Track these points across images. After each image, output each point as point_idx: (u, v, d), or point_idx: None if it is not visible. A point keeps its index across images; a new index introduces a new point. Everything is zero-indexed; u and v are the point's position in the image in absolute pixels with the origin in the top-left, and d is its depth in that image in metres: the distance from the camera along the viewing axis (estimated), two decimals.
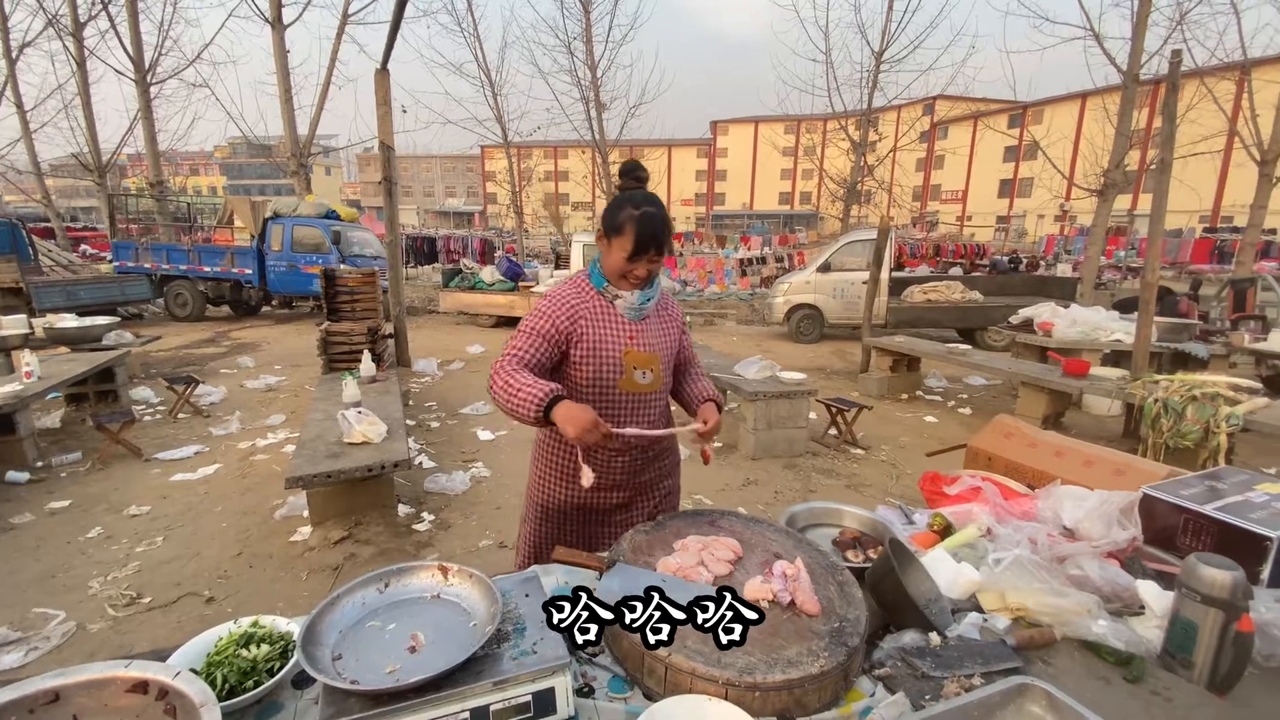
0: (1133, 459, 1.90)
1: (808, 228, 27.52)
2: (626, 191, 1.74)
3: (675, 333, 1.92)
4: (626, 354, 1.74)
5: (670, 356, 1.88)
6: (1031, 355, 7.03)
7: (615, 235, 1.67)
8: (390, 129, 6.97)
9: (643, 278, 1.72)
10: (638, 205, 1.66)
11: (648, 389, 1.79)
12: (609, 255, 1.71)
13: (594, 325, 1.73)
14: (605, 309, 1.76)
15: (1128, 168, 10.07)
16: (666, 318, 1.90)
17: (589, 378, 1.74)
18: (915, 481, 4.72)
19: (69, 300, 10.07)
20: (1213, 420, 4.12)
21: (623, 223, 1.65)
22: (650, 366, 1.78)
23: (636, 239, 1.64)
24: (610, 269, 1.72)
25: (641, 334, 1.78)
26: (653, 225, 1.65)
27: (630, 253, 1.65)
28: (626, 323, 1.77)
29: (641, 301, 1.76)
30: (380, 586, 1.24)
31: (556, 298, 1.74)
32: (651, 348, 1.79)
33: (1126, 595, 1.44)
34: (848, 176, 16.97)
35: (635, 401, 1.78)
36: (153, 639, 2.73)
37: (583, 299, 1.75)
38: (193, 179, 60.02)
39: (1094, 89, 13.06)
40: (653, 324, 1.83)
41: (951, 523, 1.78)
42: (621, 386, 1.75)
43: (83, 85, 14.31)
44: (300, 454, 3.48)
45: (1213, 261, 19.78)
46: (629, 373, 1.74)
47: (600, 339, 1.72)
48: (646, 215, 1.64)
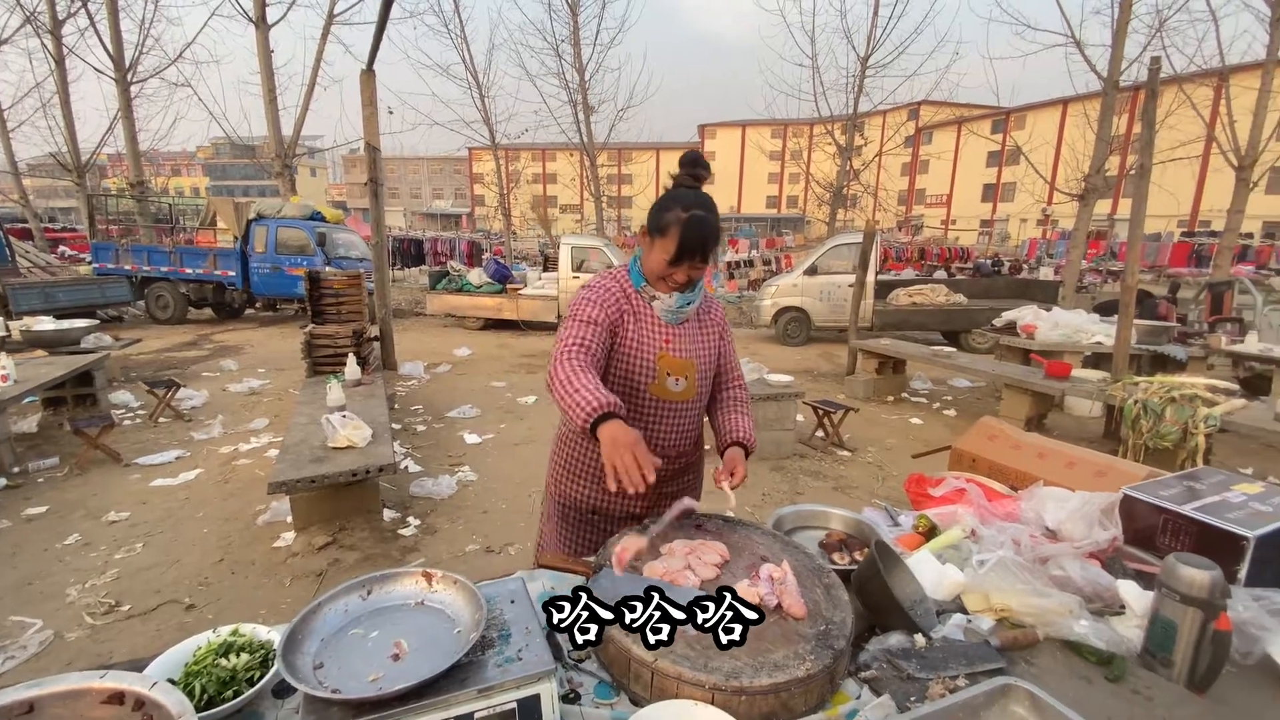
0: (1114, 460, 1.93)
1: (795, 231, 27.71)
2: (678, 189, 1.62)
3: (715, 340, 1.81)
4: (661, 358, 1.67)
5: (709, 366, 1.79)
6: (1015, 357, 7.12)
7: (659, 235, 1.58)
8: (376, 130, 6.93)
9: (682, 283, 1.63)
10: (687, 206, 1.55)
11: (680, 397, 1.71)
12: (650, 255, 1.62)
13: (632, 324, 1.67)
14: (643, 308, 1.69)
15: (1108, 173, 10.24)
16: (708, 324, 1.81)
17: (619, 377, 1.68)
18: (901, 483, 4.76)
19: (47, 302, 9.90)
20: (1191, 421, 4.19)
21: (668, 224, 1.55)
22: (685, 374, 1.70)
23: (681, 243, 1.55)
24: (650, 269, 1.64)
25: (678, 338, 1.71)
26: (700, 230, 1.54)
27: (672, 256, 1.56)
28: (663, 325, 1.69)
29: (680, 305, 1.67)
30: (363, 593, 1.22)
31: (602, 288, 1.67)
32: (687, 354, 1.71)
33: (1107, 595, 1.46)
34: (834, 181, 17.10)
35: (665, 409, 1.71)
36: (131, 648, 2.68)
37: (625, 294, 1.69)
38: (175, 180, 59.23)
39: (1075, 95, 13.29)
40: (691, 329, 1.75)
41: (936, 524, 1.80)
42: (653, 391, 1.68)
43: (61, 84, 14.08)
44: (284, 458, 3.43)
45: (1190, 265, 20.13)
46: (661, 378, 1.67)
47: (637, 338, 1.66)
48: (695, 220, 1.54)
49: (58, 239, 22.63)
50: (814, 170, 19.85)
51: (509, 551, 3.55)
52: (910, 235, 31.61)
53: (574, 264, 11.64)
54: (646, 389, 1.68)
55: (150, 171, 29.73)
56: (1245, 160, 11.15)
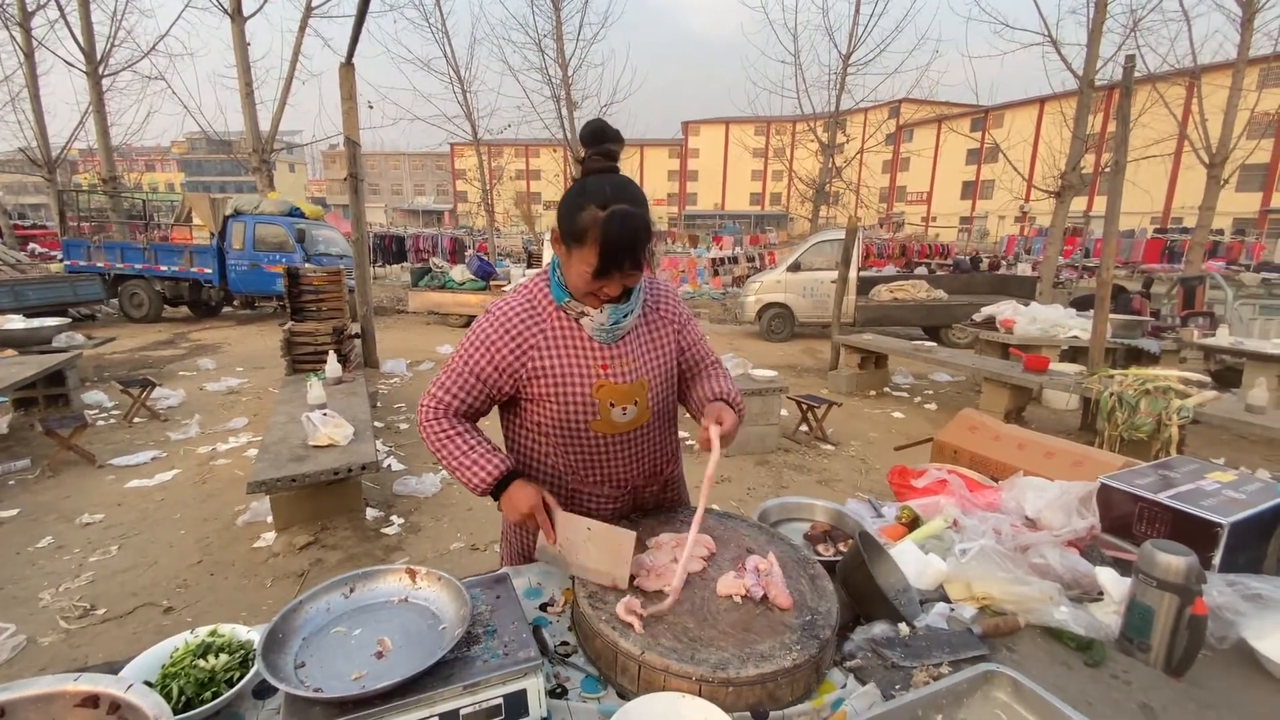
0: (1090, 450, 1.96)
1: (778, 228, 27.81)
2: (590, 177, 1.29)
3: (670, 343, 1.50)
4: (599, 388, 1.37)
5: (665, 378, 1.49)
6: (994, 351, 7.22)
7: (574, 244, 1.25)
8: (356, 124, 6.83)
9: (614, 295, 1.32)
10: (604, 202, 1.22)
11: (629, 426, 1.44)
12: (569, 267, 1.30)
13: (553, 354, 1.36)
14: (567, 329, 1.37)
15: (1083, 170, 10.41)
16: (656, 324, 1.48)
17: (550, 422, 1.41)
18: (884, 475, 4.81)
19: (16, 301, 9.65)
20: (1165, 413, 4.28)
21: (583, 228, 1.23)
22: (633, 399, 1.41)
23: (603, 252, 1.22)
24: (573, 284, 1.31)
25: (619, 359, 1.39)
26: (625, 231, 1.22)
27: (595, 269, 1.24)
28: (597, 347, 1.38)
29: (615, 321, 1.35)
30: (346, 591, 1.21)
31: (500, 320, 1.36)
32: (633, 375, 1.40)
33: (1086, 582, 1.48)
34: (816, 177, 17.20)
35: (615, 443, 1.45)
36: (108, 651, 2.63)
37: (536, 320, 1.37)
38: (149, 175, 58.00)
39: (1052, 94, 13.49)
40: (637, 341, 1.43)
41: (919, 515, 1.81)
42: (596, 429, 1.41)
43: (30, 77, 13.72)
44: (263, 458, 3.38)
45: (1163, 261, 20.54)
46: (604, 412, 1.39)
47: (564, 371, 1.36)
48: (616, 218, 1.21)
49: (28, 236, 22.05)
50: (797, 167, 19.97)
51: (494, 549, 3.53)
52: (891, 232, 31.91)
53: None
54: (588, 427, 1.41)
55: (124, 167, 29.12)
56: (1216, 158, 11.40)
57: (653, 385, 1.45)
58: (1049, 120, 21.19)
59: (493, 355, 1.35)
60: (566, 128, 17.53)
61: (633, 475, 1.54)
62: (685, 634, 1.15)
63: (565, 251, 1.30)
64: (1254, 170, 29.47)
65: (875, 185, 47.71)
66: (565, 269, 1.33)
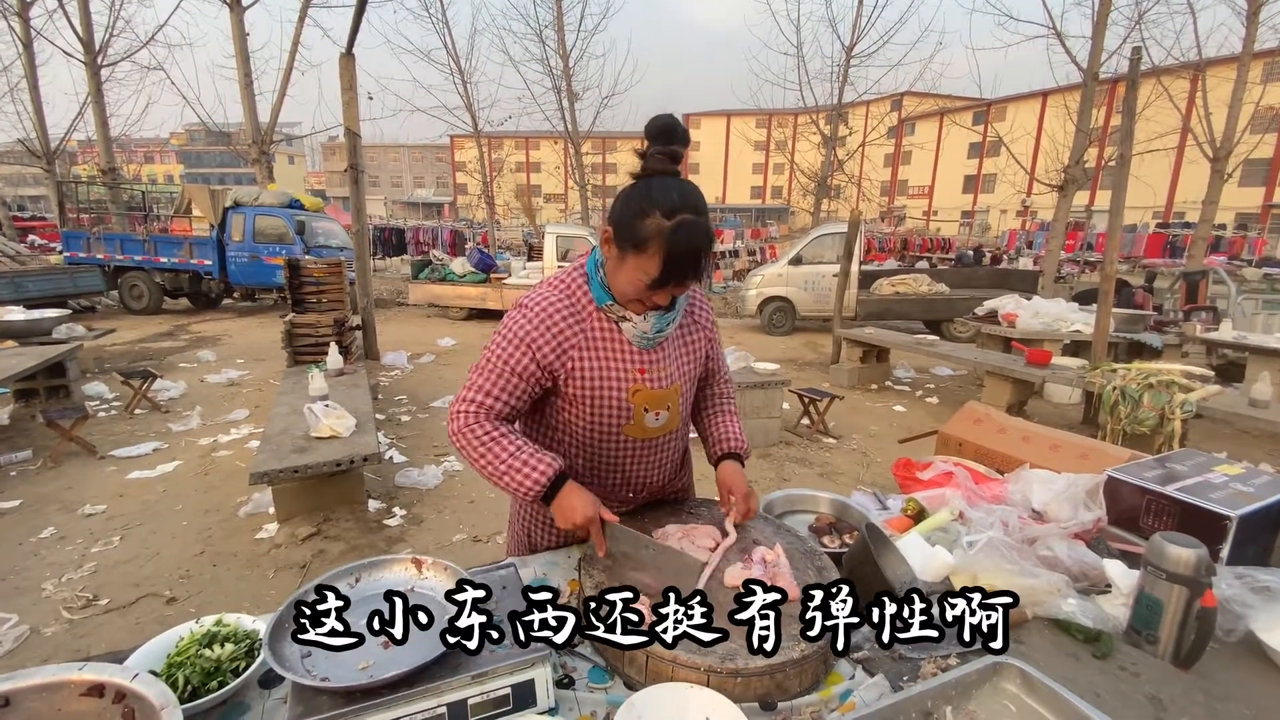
0: (1096, 443, 1.95)
1: (779, 221, 27.77)
2: (654, 179, 1.20)
3: (701, 351, 1.48)
4: (635, 393, 1.33)
5: (694, 382, 1.49)
6: (996, 346, 7.21)
7: (633, 251, 1.19)
8: (356, 115, 6.80)
9: (663, 304, 1.28)
10: (671, 210, 1.15)
11: (660, 431, 1.42)
12: (620, 272, 1.24)
13: (592, 356, 1.31)
14: (606, 332, 1.32)
15: (1086, 164, 10.37)
16: (691, 330, 1.46)
17: (582, 425, 1.37)
18: (886, 469, 4.82)
19: (16, 293, 9.61)
20: (1167, 407, 4.27)
21: (646, 236, 1.16)
22: (666, 405, 1.38)
23: (666, 263, 1.16)
24: (620, 289, 1.26)
25: (656, 365, 1.36)
26: (692, 242, 1.16)
27: (655, 279, 1.19)
28: (635, 351, 1.34)
29: (658, 329, 1.32)
30: (351, 580, 1.20)
31: (539, 317, 1.28)
32: (668, 381, 1.37)
33: (1094, 574, 1.48)
34: (818, 170, 17.14)
35: (644, 447, 1.43)
36: (110, 641, 2.63)
37: (577, 319, 1.31)
38: (148, 167, 57.81)
39: (1055, 87, 13.41)
40: (672, 347, 1.40)
41: (925, 507, 1.81)
42: (627, 433, 1.38)
43: (29, 67, 13.66)
44: (265, 449, 3.38)
45: (1165, 256, 20.50)
46: (638, 417, 1.36)
47: (601, 374, 1.31)
48: (684, 229, 1.15)
49: (28, 228, 21.99)
50: (799, 160, 19.89)
51: (496, 540, 3.53)
52: (893, 226, 31.85)
53: (559, 253, 11.58)
54: (620, 431, 1.38)
55: (123, 158, 29.01)
56: (1220, 152, 11.35)
57: (684, 391, 1.43)
58: (1052, 114, 21.11)
59: (534, 352, 1.27)
60: (567, 119, 17.45)
61: (654, 479, 1.52)
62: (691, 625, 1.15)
63: (618, 255, 1.23)
64: (1257, 165, 29.35)
65: (877, 179, 47.55)
66: (614, 272, 1.26)
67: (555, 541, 1.57)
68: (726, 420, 1.60)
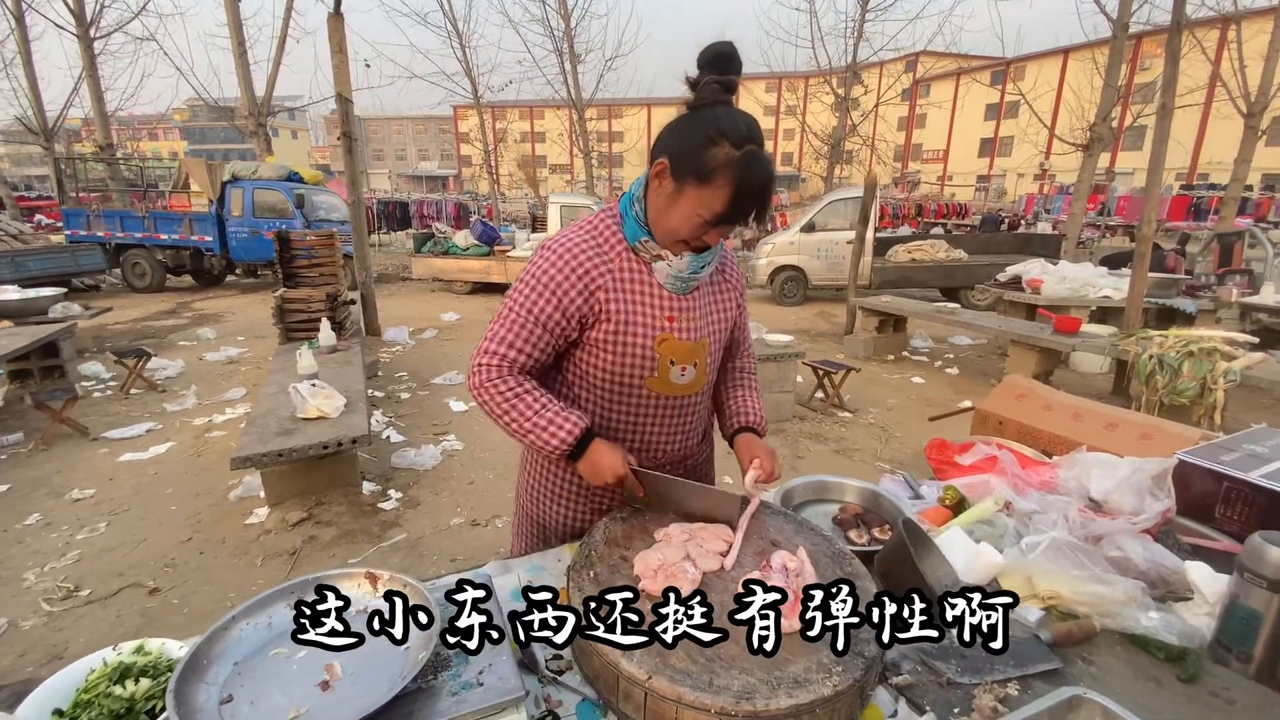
0: (1161, 422, 1.72)
1: (790, 189, 27.10)
2: (719, 107, 1.10)
3: (731, 310, 1.37)
4: (662, 342, 1.22)
5: (721, 345, 1.36)
6: (1018, 313, 6.91)
7: (697, 182, 1.09)
8: (347, 79, 6.50)
9: (710, 245, 1.19)
10: (739, 140, 1.06)
11: (685, 390, 1.29)
12: (675, 207, 1.13)
13: (618, 297, 1.20)
14: (637, 272, 1.21)
15: (1112, 122, 9.88)
16: (723, 287, 1.35)
17: (603, 373, 1.25)
18: (906, 444, 4.61)
19: (17, 272, 9.49)
20: (1210, 376, 4.01)
21: (713, 167, 1.07)
22: (694, 359, 1.26)
23: (735, 196, 1.08)
24: (668, 225, 1.16)
25: (686, 313, 1.24)
26: (763, 177, 1.08)
27: (720, 214, 1.10)
28: (666, 296, 1.23)
29: (694, 271, 1.22)
30: (293, 603, 1.01)
31: (565, 256, 1.18)
32: (698, 333, 1.26)
33: (1173, 579, 1.26)
34: (831, 133, 16.58)
35: (666, 407, 1.30)
36: (90, 635, 2.50)
37: (604, 257, 1.20)
38: (152, 144, 57.41)
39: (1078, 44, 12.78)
40: (704, 297, 1.29)
41: (965, 496, 1.60)
42: (650, 387, 1.26)
43: (22, 42, 13.36)
44: (250, 431, 3.20)
45: (1189, 218, 19.83)
46: (664, 370, 1.24)
47: (628, 318, 1.20)
48: (757, 161, 1.07)
49: (34, 207, 21.88)
50: (811, 121, 19.25)
51: (495, 524, 3.36)
52: (907, 191, 31.07)
53: (563, 223, 11.27)
54: (642, 384, 1.25)
55: (125, 136, 28.69)
56: (1255, 107, 10.81)
57: (712, 349, 1.32)
58: (1076, 70, 20.22)
59: (559, 299, 1.17)
60: (570, 83, 16.95)
61: (672, 447, 1.39)
62: (702, 653, 0.95)
63: (673, 189, 1.12)
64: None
65: (891, 141, 46.31)
66: (666, 209, 1.15)
67: (568, 520, 1.43)
68: (747, 394, 1.50)
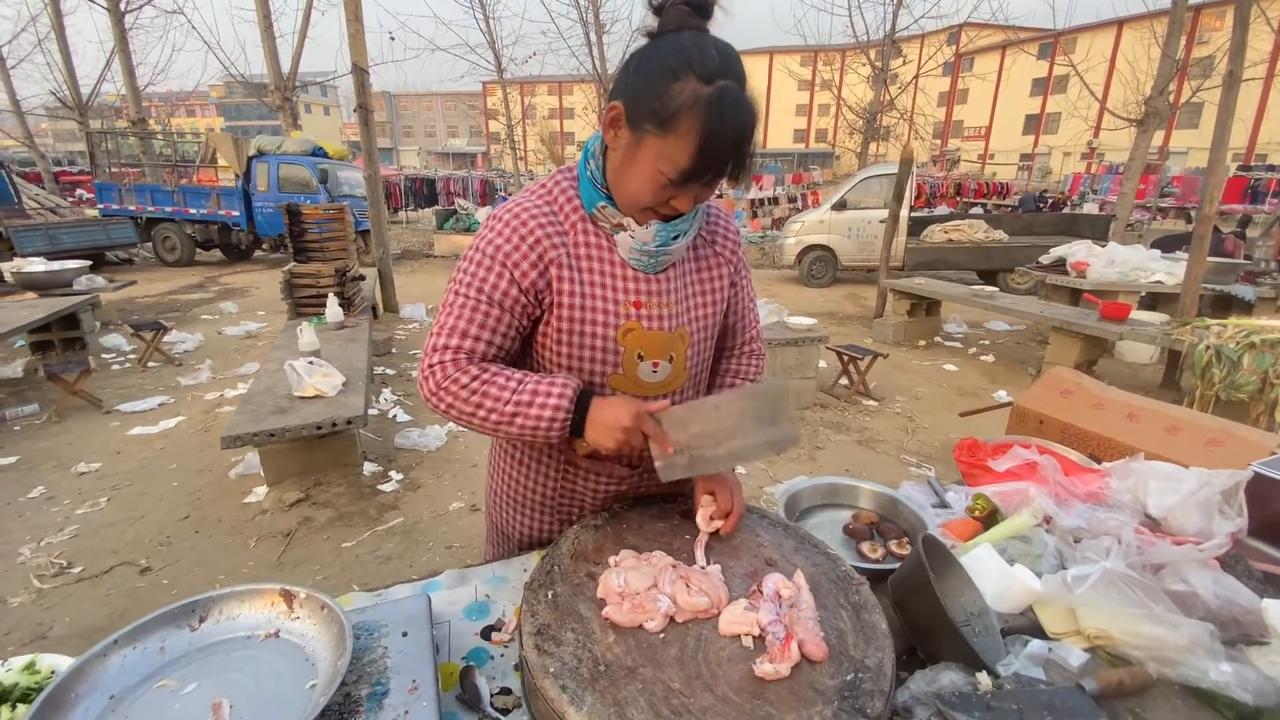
0: (1233, 425, 1.49)
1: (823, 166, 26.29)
2: (684, 34, 0.86)
3: (722, 290, 1.12)
4: (626, 332, 1.00)
5: (710, 332, 1.12)
6: (1061, 298, 6.52)
7: (655, 130, 0.86)
8: (363, 49, 6.35)
9: (681, 211, 0.95)
10: (711, 75, 0.83)
11: (659, 389, 1.06)
12: (632, 165, 0.91)
13: (573, 277, 0.98)
14: (595, 246, 1.00)
15: (1170, 96, 9.25)
16: (710, 261, 1.10)
17: (560, 369, 1.03)
18: (934, 435, 4.35)
19: (51, 244, 9.66)
20: (1273, 370, 3.68)
21: (675, 110, 0.83)
22: (668, 353, 1.04)
23: (703, 147, 0.84)
24: (628, 187, 0.93)
25: (657, 298, 1.02)
26: (738, 121, 0.84)
27: (685, 170, 0.86)
28: (632, 276, 1.01)
29: (662, 244, 0.98)
30: (192, 623, 0.86)
31: (513, 224, 0.96)
32: (672, 321, 1.03)
33: (1246, 620, 1.05)
34: (867, 107, 15.95)
35: None
36: (76, 615, 2.45)
37: (558, 229, 0.98)
38: (189, 120, 58.39)
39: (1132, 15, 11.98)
40: (680, 278, 1.05)
41: (999, 507, 1.39)
42: (615, 385, 1.04)
43: (56, 18, 13.54)
44: (244, 409, 3.12)
45: (1244, 201, 18.72)
46: (629, 365, 1.02)
47: (584, 302, 0.99)
48: (730, 100, 0.83)
49: (75, 182, 22.33)
50: (846, 94, 18.57)
51: None
52: (945, 170, 29.96)
53: None
54: (604, 382, 1.03)
55: (163, 112, 29.14)
56: None
57: (695, 340, 1.08)
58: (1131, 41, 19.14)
59: (510, 271, 0.96)
60: (595, 55, 16.58)
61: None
62: (667, 700, 0.78)
63: (630, 140, 0.89)
64: None
65: (930, 116, 44.72)
66: (622, 167, 0.93)
67: (533, 531, 1.25)
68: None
